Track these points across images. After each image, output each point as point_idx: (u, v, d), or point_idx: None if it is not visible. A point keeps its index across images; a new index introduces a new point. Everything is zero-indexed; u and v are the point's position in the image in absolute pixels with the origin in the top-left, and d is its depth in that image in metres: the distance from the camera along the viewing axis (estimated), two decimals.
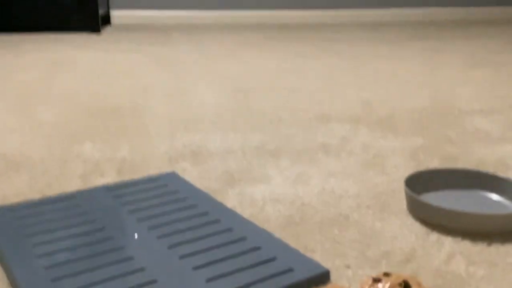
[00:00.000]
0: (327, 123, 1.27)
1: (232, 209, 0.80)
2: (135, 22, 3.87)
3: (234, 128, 1.23)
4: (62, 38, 3.04)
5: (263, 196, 0.85)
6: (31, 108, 1.44)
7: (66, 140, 1.15)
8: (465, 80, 1.80)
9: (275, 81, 1.78)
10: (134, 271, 0.59)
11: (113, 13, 3.83)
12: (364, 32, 3.23)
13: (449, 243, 0.70)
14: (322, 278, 0.59)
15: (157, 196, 0.79)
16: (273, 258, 0.62)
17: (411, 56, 2.33)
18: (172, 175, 0.88)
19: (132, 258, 0.62)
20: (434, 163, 1.00)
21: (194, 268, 0.60)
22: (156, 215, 0.73)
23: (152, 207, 0.76)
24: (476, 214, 0.70)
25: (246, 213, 0.79)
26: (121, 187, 0.83)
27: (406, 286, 0.52)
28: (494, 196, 0.82)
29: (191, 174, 0.95)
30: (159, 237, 0.67)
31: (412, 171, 0.96)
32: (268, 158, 1.03)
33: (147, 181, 0.85)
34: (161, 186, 0.83)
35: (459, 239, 0.71)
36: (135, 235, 0.67)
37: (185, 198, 0.79)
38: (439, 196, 0.82)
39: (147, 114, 1.37)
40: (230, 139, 1.15)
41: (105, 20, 3.77)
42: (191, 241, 0.66)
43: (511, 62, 2.16)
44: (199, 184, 0.90)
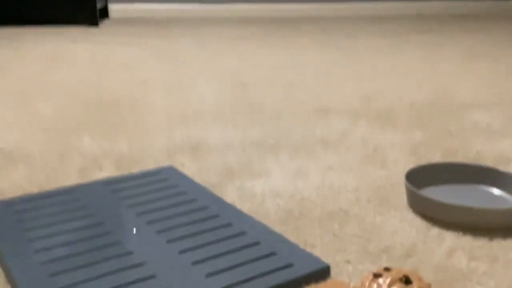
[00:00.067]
0: (326, 117, 1.27)
1: (232, 203, 0.80)
2: (133, 15, 3.86)
3: (234, 122, 1.23)
4: (61, 31, 3.02)
5: (262, 191, 0.85)
6: (29, 102, 1.43)
7: (64, 134, 1.14)
8: (465, 74, 1.79)
9: (275, 76, 1.77)
10: (133, 265, 0.59)
11: (111, 6, 3.82)
12: (364, 26, 3.22)
13: (450, 237, 0.69)
14: (322, 273, 0.59)
15: (156, 191, 0.79)
16: (273, 253, 0.61)
17: (410, 50, 2.32)
18: (171, 169, 0.87)
19: (131, 252, 0.61)
20: (434, 157, 1.00)
21: (194, 263, 0.59)
22: (155, 210, 0.72)
23: (151, 201, 0.75)
24: (477, 208, 0.70)
25: (245, 207, 0.79)
26: (119, 181, 0.82)
27: (407, 281, 0.52)
28: (495, 191, 0.82)
29: (190, 168, 0.94)
30: (158, 231, 0.66)
31: (412, 166, 0.95)
32: (268, 153, 1.03)
33: (146, 175, 0.85)
34: (160, 180, 0.83)
35: (460, 233, 0.70)
36: (134, 230, 0.67)
37: (184, 193, 0.78)
38: (440, 191, 0.82)
39: (146, 108, 1.36)
40: (229, 134, 1.14)
41: (103, 13, 3.76)
42: (190, 235, 0.65)
43: (510, 56, 2.15)
44: (198, 178, 0.90)
